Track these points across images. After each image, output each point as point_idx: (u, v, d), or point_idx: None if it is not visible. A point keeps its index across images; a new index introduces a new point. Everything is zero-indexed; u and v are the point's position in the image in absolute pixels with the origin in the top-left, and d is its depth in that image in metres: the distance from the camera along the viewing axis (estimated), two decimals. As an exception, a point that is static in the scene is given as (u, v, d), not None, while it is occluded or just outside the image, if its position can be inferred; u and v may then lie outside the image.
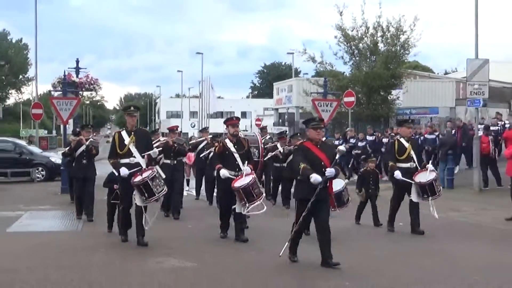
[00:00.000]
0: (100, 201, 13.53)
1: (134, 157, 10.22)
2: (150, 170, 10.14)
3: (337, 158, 8.72)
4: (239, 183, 10.15)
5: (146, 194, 9.94)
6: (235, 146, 10.65)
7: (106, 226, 11.70)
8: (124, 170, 10.07)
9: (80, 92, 22.95)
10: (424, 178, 11.15)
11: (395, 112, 34.15)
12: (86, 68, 23.33)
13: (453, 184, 18.86)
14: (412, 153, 11.38)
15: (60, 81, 22.52)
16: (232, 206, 10.50)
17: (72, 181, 14.95)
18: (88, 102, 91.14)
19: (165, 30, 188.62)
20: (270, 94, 62.73)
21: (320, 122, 8.99)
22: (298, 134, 16.62)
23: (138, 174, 9.99)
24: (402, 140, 11.55)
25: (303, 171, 8.33)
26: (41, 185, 23.46)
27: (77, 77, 22.45)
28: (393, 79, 31.44)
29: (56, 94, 22.87)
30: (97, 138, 17.58)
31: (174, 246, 10.21)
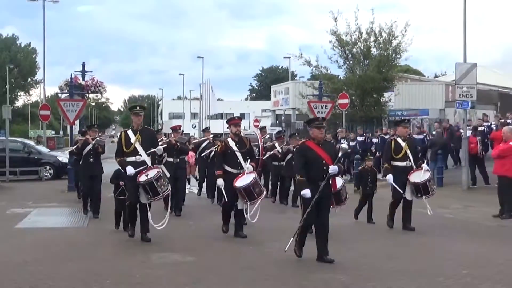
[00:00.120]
0: (106, 198, 13.55)
1: (140, 155, 10.09)
2: (155, 169, 10.05)
3: (339, 155, 8.68)
4: (241, 183, 10.08)
5: (150, 193, 9.88)
6: (237, 145, 10.59)
7: (111, 223, 11.61)
8: (130, 169, 9.95)
9: (86, 94, 22.91)
10: (418, 178, 11.10)
11: (387, 113, 34.19)
12: (91, 71, 23.25)
13: (442, 182, 18.87)
14: (408, 152, 11.31)
15: (67, 83, 22.49)
16: (235, 203, 10.43)
17: (78, 179, 14.94)
18: (93, 104, 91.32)
19: (167, 36, 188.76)
20: (268, 96, 62.80)
21: (322, 122, 8.96)
22: (296, 134, 16.66)
23: (144, 172, 9.90)
24: (399, 139, 11.47)
25: (298, 184, 8.50)
26: (48, 183, 23.46)
27: (83, 80, 22.40)
28: (385, 82, 31.46)
29: (63, 96, 22.80)
30: (103, 138, 17.57)
31: (176, 242, 10.20)
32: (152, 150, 10.21)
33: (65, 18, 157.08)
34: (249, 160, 10.53)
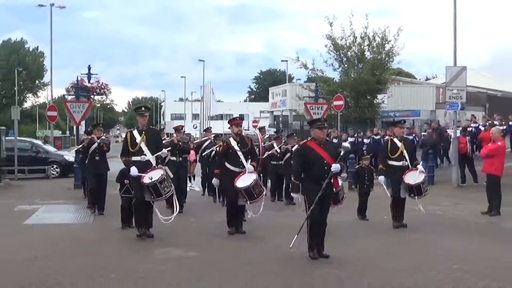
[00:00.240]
0: (111, 196, 13.53)
1: (145, 155, 9.96)
2: (160, 170, 9.90)
3: (342, 154, 8.61)
4: (241, 184, 10.00)
5: (154, 194, 9.79)
6: (239, 144, 10.51)
7: (116, 220, 11.52)
8: (134, 170, 9.82)
9: (91, 96, 22.89)
10: (412, 179, 10.99)
11: (380, 114, 34.30)
12: (97, 74, 23.23)
13: (433, 180, 18.84)
14: (404, 152, 11.23)
15: (73, 86, 22.48)
16: (238, 202, 10.33)
17: (85, 177, 14.86)
18: (99, 105, 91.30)
19: (170, 40, 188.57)
20: (266, 98, 62.78)
21: (324, 122, 8.88)
22: (294, 134, 16.67)
23: (149, 171, 9.79)
24: (395, 140, 11.41)
25: (292, 186, 8.71)
26: (55, 181, 23.42)
27: (89, 82, 22.38)
28: (378, 85, 31.54)
29: (69, 97, 22.78)
30: (108, 137, 17.52)
31: (179, 238, 10.16)
32: (157, 153, 10.06)
33: (71, 23, 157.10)
34: (250, 159, 10.46)
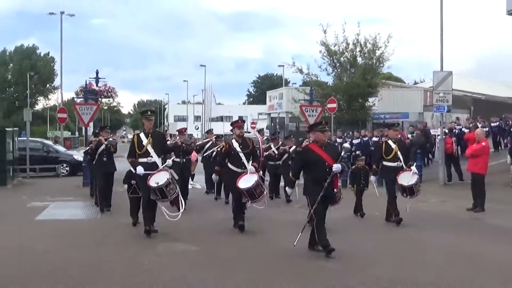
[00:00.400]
0: (117, 193, 13.51)
1: (151, 156, 9.84)
2: (166, 173, 9.76)
3: (342, 154, 8.54)
4: (243, 185, 9.91)
5: (159, 196, 9.64)
6: (241, 146, 10.41)
7: (122, 216, 11.50)
8: (140, 169, 9.70)
9: (99, 99, 22.77)
10: (406, 181, 10.89)
11: (372, 116, 34.31)
12: (104, 78, 23.07)
13: (421, 179, 18.80)
14: (398, 153, 11.11)
15: (82, 89, 22.40)
16: (241, 199, 10.21)
17: (93, 177, 14.76)
18: (106, 108, 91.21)
19: (173, 46, 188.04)
20: (264, 101, 62.73)
21: (325, 126, 8.79)
22: (292, 136, 16.65)
23: (155, 172, 9.65)
24: (390, 141, 11.31)
25: (288, 181, 8.94)
26: (65, 179, 23.40)
27: (96, 86, 22.29)
28: (369, 88, 31.54)
29: (78, 100, 22.70)
30: (115, 138, 17.47)
31: (181, 233, 10.10)
32: (164, 165, 9.90)
33: (80, 30, 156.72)
34: (252, 160, 10.36)
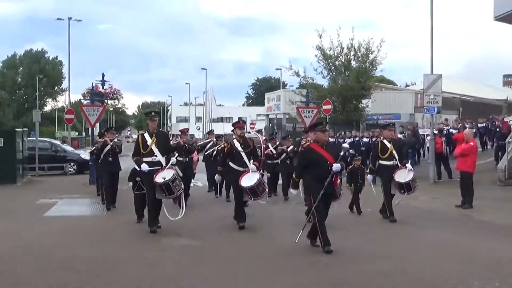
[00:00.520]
0: (121, 191, 13.49)
1: (156, 156, 9.79)
2: (171, 170, 9.70)
3: (341, 154, 8.49)
4: (246, 183, 9.84)
5: (166, 193, 9.58)
6: (242, 146, 10.35)
7: (126, 213, 11.49)
8: (144, 166, 9.66)
9: (105, 100, 22.82)
10: (403, 177, 10.84)
11: (365, 117, 34.28)
12: (110, 81, 23.20)
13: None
14: (394, 152, 11.07)
15: (88, 91, 22.50)
16: (243, 197, 10.15)
17: (99, 176, 14.72)
18: (111, 109, 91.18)
19: (175, 50, 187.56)
20: (262, 102, 62.69)
21: (326, 125, 8.73)
22: (289, 136, 16.64)
23: (160, 170, 9.60)
24: (385, 141, 11.26)
25: (292, 182, 8.70)
26: (72, 177, 23.39)
27: (102, 88, 22.33)
28: (363, 91, 31.45)
29: (85, 102, 22.75)
30: (120, 139, 17.45)
31: (183, 229, 10.07)
32: (169, 164, 9.84)
33: (87, 35, 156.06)
34: (252, 159, 10.30)
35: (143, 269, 7.23)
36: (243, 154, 10.29)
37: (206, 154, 15.83)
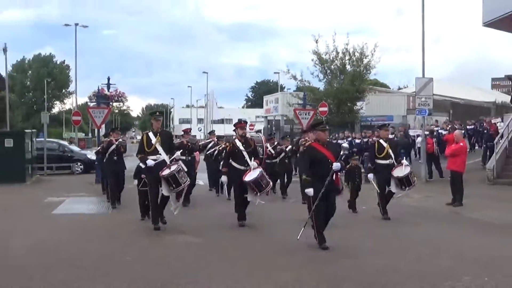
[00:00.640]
0: (127, 190, 13.45)
1: (160, 154, 9.71)
2: (175, 164, 9.68)
3: (341, 153, 8.50)
4: (249, 178, 9.78)
5: (173, 185, 9.43)
6: (243, 145, 10.30)
7: (131, 211, 11.46)
8: (150, 161, 9.56)
9: (110, 103, 22.75)
10: (401, 172, 10.80)
11: (359, 119, 34.30)
12: (115, 84, 22.97)
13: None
14: (390, 151, 11.03)
15: (95, 94, 22.35)
16: (244, 196, 10.05)
17: (104, 176, 14.70)
18: (117, 111, 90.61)
19: (178, 55, 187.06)
20: (261, 105, 62.66)
21: (326, 125, 8.66)
22: (288, 136, 16.62)
23: (165, 168, 9.51)
24: (381, 141, 11.22)
25: (304, 183, 8.18)
26: (79, 176, 23.39)
27: (108, 91, 22.24)
28: (357, 93, 31.52)
29: (91, 104, 22.67)
30: (125, 139, 17.41)
31: (186, 226, 10.05)
32: (174, 156, 9.80)
33: (93, 40, 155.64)
34: (253, 158, 10.24)
35: (148, 265, 7.20)
36: (245, 153, 10.23)
37: (207, 153, 15.82)
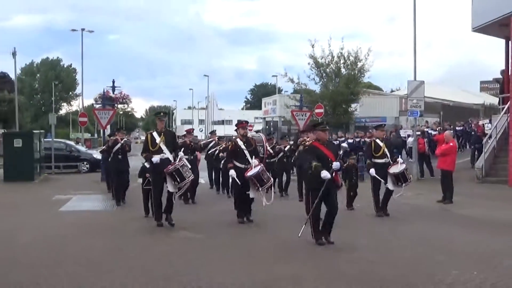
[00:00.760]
0: (131, 188, 13.44)
1: (164, 153, 9.66)
2: (180, 161, 9.60)
3: (340, 153, 8.35)
4: (251, 173, 9.78)
5: (178, 179, 9.34)
6: (245, 144, 10.25)
7: (135, 208, 11.42)
8: (156, 158, 9.50)
9: (115, 104, 22.82)
10: (397, 169, 10.82)
11: (354, 120, 34.36)
12: (120, 86, 23.22)
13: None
14: (386, 151, 11.00)
15: (100, 96, 22.47)
16: (244, 193, 9.98)
17: (109, 174, 14.68)
18: (121, 113, 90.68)
19: (180, 58, 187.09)
20: (259, 106, 62.61)
21: (326, 125, 8.62)
22: (286, 137, 16.60)
23: (170, 166, 9.43)
24: (378, 140, 11.19)
25: (316, 168, 7.84)
26: (85, 175, 23.36)
27: (113, 93, 22.35)
28: (352, 96, 31.60)
29: (97, 106, 22.71)
30: (130, 139, 17.41)
31: (188, 223, 10.01)
32: (179, 156, 9.71)
33: (98, 44, 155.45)
34: (254, 157, 10.19)
35: (152, 260, 7.19)
36: (246, 152, 10.18)
37: (208, 152, 15.81)
